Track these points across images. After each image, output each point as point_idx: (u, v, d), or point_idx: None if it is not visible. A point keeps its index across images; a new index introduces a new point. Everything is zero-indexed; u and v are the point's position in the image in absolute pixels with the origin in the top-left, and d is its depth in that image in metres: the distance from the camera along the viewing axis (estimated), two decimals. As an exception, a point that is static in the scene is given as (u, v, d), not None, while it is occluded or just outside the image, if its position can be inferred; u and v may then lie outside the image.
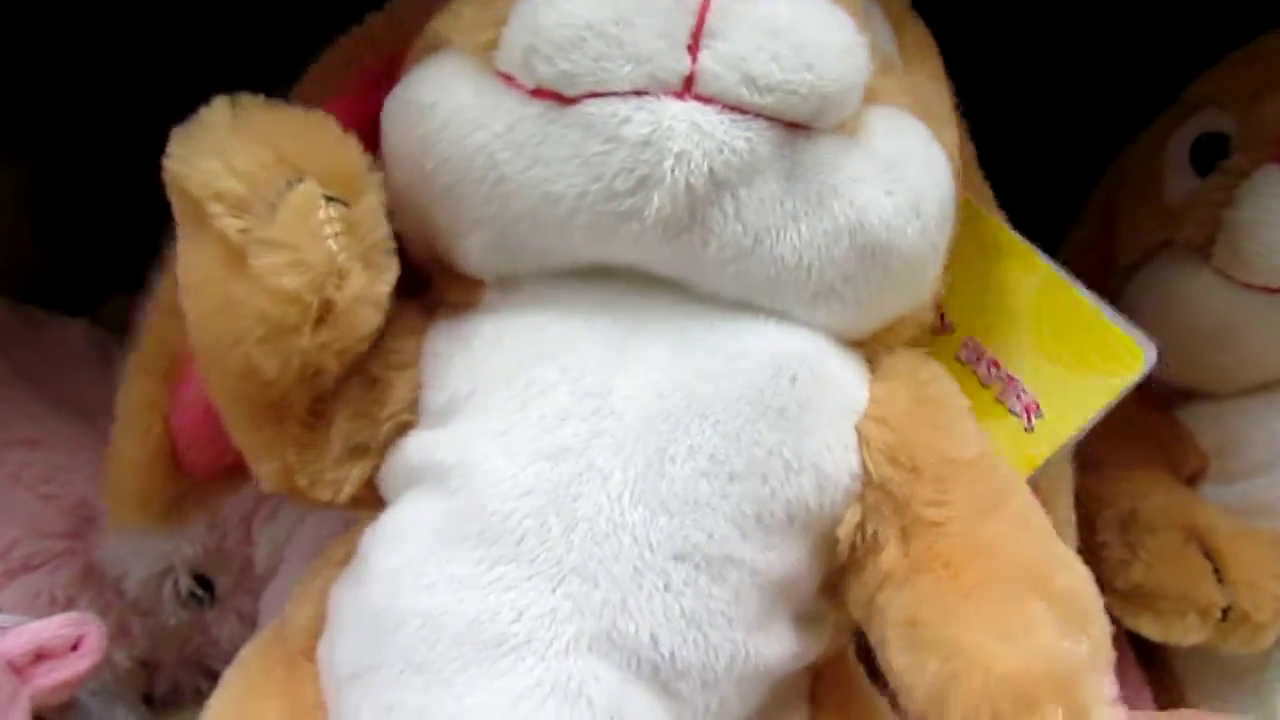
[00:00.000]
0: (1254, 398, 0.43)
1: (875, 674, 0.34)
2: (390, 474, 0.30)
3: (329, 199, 0.26)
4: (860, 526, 0.28)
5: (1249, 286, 0.40)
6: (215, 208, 0.26)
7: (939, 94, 0.33)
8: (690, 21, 0.25)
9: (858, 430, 0.29)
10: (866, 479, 0.28)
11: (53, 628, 0.34)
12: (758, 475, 0.27)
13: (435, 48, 0.29)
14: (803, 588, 0.29)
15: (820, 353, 0.29)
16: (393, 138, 0.29)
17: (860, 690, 0.33)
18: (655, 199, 0.25)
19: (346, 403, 0.29)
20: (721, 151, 0.25)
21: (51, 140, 0.68)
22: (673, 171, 0.25)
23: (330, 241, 0.26)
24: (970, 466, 0.29)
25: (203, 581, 0.51)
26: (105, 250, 0.69)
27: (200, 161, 0.26)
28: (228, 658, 0.51)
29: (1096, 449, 0.45)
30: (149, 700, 0.50)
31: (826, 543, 0.29)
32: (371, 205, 0.27)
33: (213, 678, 0.53)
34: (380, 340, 0.29)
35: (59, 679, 0.35)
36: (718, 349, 0.28)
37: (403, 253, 0.29)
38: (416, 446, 0.29)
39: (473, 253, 0.29)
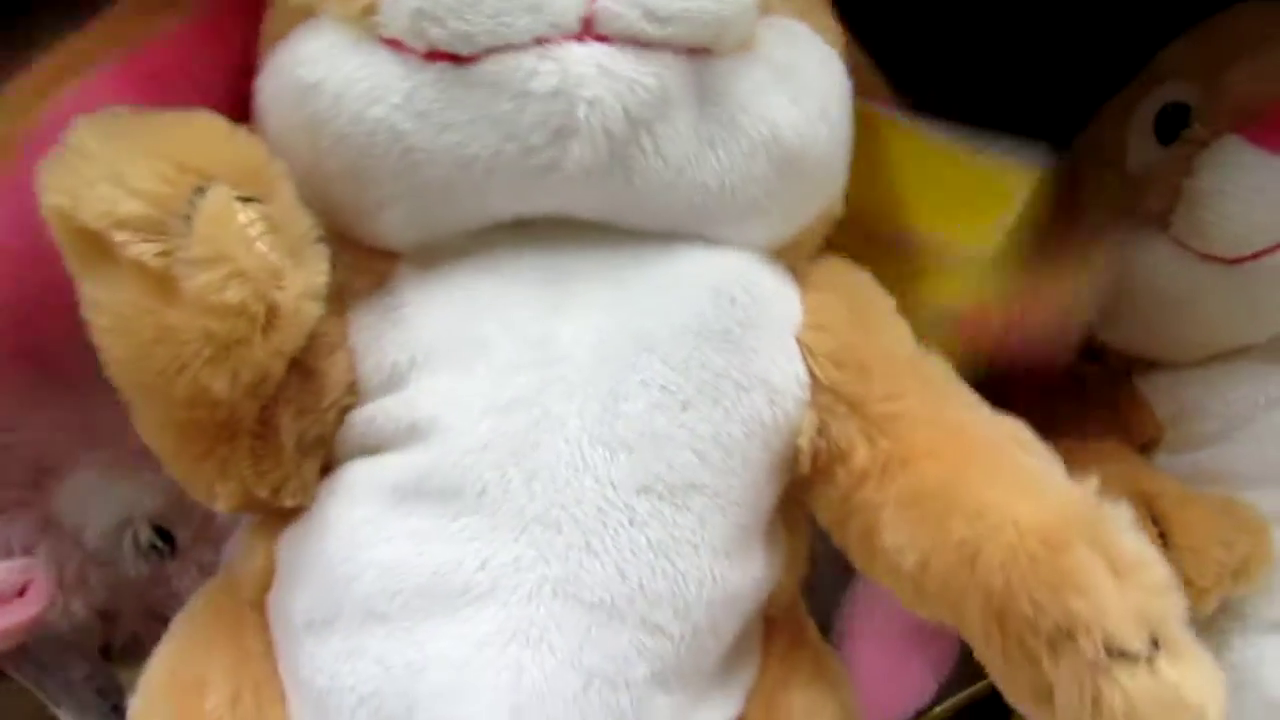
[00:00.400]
0: (1210, 368, 0.44)
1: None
2: (341, 451, 0.29)
3: (244, 199, 0.25)
4: (819, 431, 0.29)
5: (1206, 257, 0.40)
6: (122, 235, 0.24)
7: (830, 19, 0.33)
8: None
9: (799, 340, 0.29)
10: (816, 385, 0.29)
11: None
12: (710, 399, 0.28)
13: (300, 18, 0.28)
14: (764, 506, 0.30)
15: (753, 270, 0.29)
16: (275, 121, 0.29)
17: (810, 639, 0.34)
18: (574, 149, 0.25)
19: (288, 402, 0.29)
20: (633, 90, 0.25)
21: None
22: (588, 119, 0.25)
23: (259, 244, 0.25)
24: (911, 361, 0.30)
25: (163, 534, 0.51)
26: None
27: (89, 191, 0.24)
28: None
29: (1054, 417, 0.46)
30: (106, 651, 0.51)
31: (785, 458, 0.29)
32: (286, 195, 0.26)
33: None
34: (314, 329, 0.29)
35: (3, 624, 0.35)
36: (653, 282, 0.28)
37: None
38: (363, 419, 0.29)
39: (386, 227, 0.29)
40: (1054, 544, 0.25)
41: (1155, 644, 0.24)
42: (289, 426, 0.29)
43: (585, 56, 0.25)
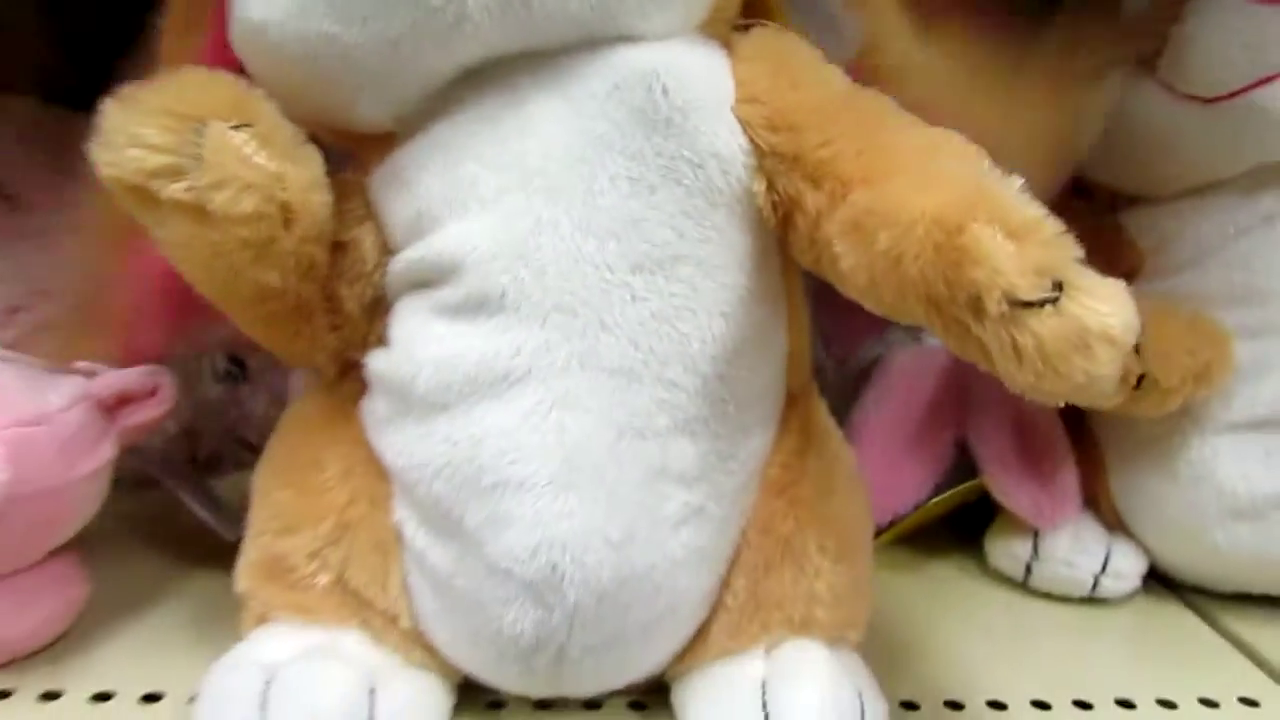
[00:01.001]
0: (1185, 201, 0.47)
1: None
2: (392, 296, 0.34)
3: (235, 127, 0.29)
4: (770, 189, 0.32)
5: (1187, 97, 0.43)
6: (157, 183, 0.29)
7: None
8: None
9: (735, 114, 0.32)
10: (759, 151, 0.32)
11: (135, 375, 0.39)
12: (671, 180, 0.31)
13: None
14: (748, 265, 0.33)
15: (677, 58, 0.32)
16: (249, 60, 0.32)
17: (822, 419, 0.38)
18: (471, 7, 0.29)
19: (340, 275, 0.34)
20: None
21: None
22: None
23: (256, 158, 0.29)
24: (841, 102, 0.32)
25: (237, 361, 0.56)
26: (116, 51, 0.71)
27: (124, 156, 0.29)
28: (262, 429, 0.56)
29: None
30: (193, 463, 0.56)
31: (751, 218, 0.32)
32: (269, 114, 0.30)
33: (248, 447, 0.59)
34: (338, 212, 0.33)
35: (139, 420, 0.39)
36: (593, 88, 0.31)
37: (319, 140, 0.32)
38: (397, 269, 0.33)
39: (365, 113, 0.33)
40: (951, 227, 0.26)
41: (1059, 287, 0.25)
42: (349, 294, 0.34)
43: None
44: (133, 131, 0.29)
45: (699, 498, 0.32)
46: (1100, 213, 0.50)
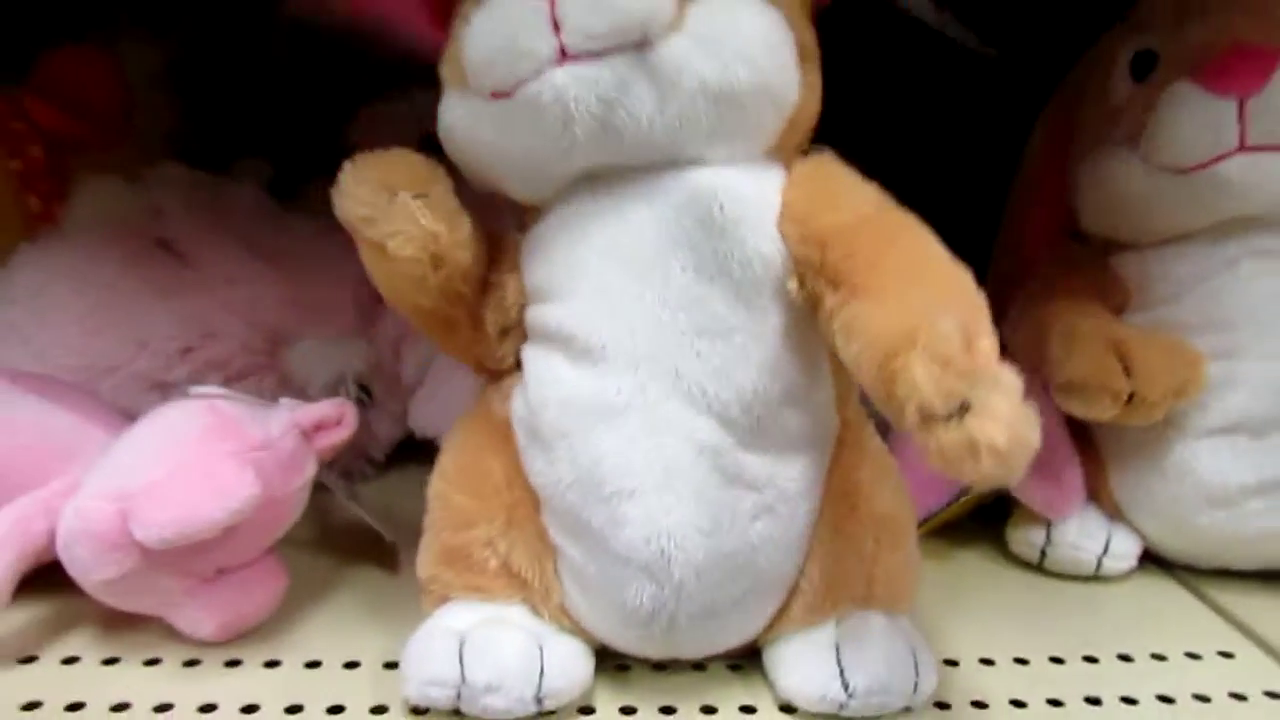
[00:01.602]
0: (1164, 248, 0.55)
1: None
2: (529, 334, 0.44)
3: (415, 196, 0.41)
4: (802, 286, 0.40)
5: (1163, 168, 0.52)
6: (362, 228, 0.41)
7: None
8: (547, 20, 0.37)
9: (779, 229, 0.40)
10: (794, 258, 0.40)
11: (326, 407, 0.48)
12: (725, 272, 0.40)
13: (444, 84, 0.43)
14: (786, 332, 0.40)
15: (734, 182, 0.40)
16: (446, 144, 0.43)
17: (872, 438, 0.46)
18: (576, 130, 0.38)
19: (487, 305, 0.45)
20: (597, 84, 0.37)
21: (192, 22, 0.78)
22: (576, 108, 0.38)
23: (422, 219, 0.41)
24: (865, 222, 0.39)
25: (365, 389, 0.65)
26: (235, 118, 0.81)
27: (345, 204, 0.41)
28: (386, 445, 0.66)
29: (1049, 285, 0.59)
30: (323, 486, 0.64)
31: (787, 301, 0.40)
32: (442, 189, 0.42)
33: (371, 463, 0.67)
34: (496, 259, 0.45)
35: (331, 442, 0.48)
36: (670, 199, 0.40)
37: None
38: (530, 317, 0.44)
39: (514, 191, 0.43)
40: (891, 352, 0.34)
41: (965, 407, 0.32)
42: (490, 320, 0.45)
43: (563, 74, 0.37)
44: (352, 189, 0.41)
45: (768, 499, 0.41)
46: (1096, 257, 0.58)
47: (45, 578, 0.45)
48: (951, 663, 0.48)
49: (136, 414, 0.54)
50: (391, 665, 0.44)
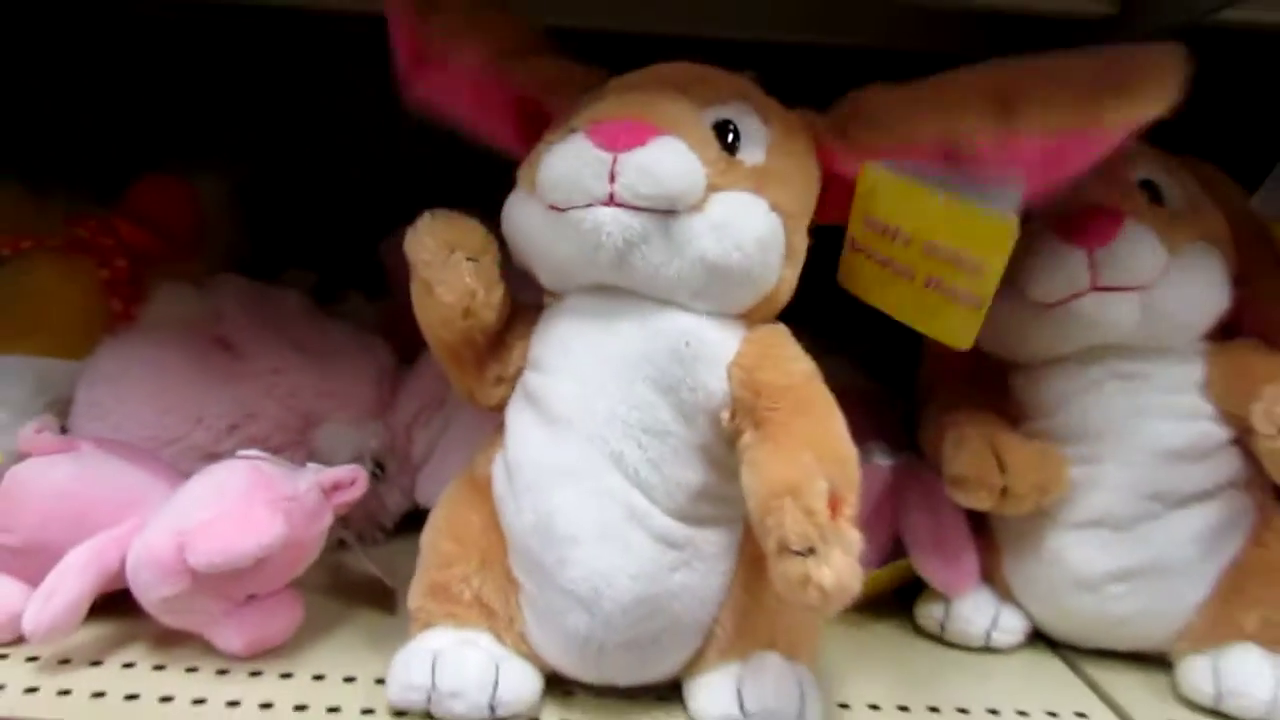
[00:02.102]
0: (1044, 368, 0.64)
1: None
2: (516, 394, 0.55)
3: (468, 259, 0.52)
4: (732, 418, 0.49)
5: (1032, 302, 0.61)
6: (420, 268, 0.52)
7: (791, 166, 0.53)
8: (607, 169, 0.47)
9: (728, 370, 0.50)
10: (732, 395, 0.50)
11: (343, 471, 0.59)
12: (676, 389, 0.50)
13: (518, 182, 0.54)
14: (711, 449, 0.50)
15: (704, 328, 0.50)
16: (506, 228, 0.54)
17: None
18: (601, 256, 0.49)
19: (494, 356, 0.55)
20: (628, 228, 0.48)
21: (256, 156, 0.93)
22: (605, 240, 0.48)
23: (468, 278, 0.52)
24: (793, 388, 0.49)
25: (380, 464, 0.75)
26: (286, 234, 0.94)
27: (414, 249, 0.52)
28: (395, 515, 0.77)
29: (955, 395, 0.69)
30: (342, 543, 0.71)
31: (720, 425, 0.50)
32: (489, 260, 0.53)
33: (381, 529, 0.78)
34: (511, 326, 0.55)
35: (346, 499, 0.59)
36: (652, 327, 0.50)
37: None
38: (524, 382, 0.54)
39: (544, 279, 0.54)
40: (776, 492, 0.44)
41: (811, 550, 0.42)
42: (491, 369, 0.55)
43: (607, 213, 0.48)
44: (423, 237, 0.52)
45: (688, 556, 0.51)
46: (998, 374, 0.68)
47: (112, 606, 0.56)
48: (844, 706, 0.57)
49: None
50: (381, 681, 0.54)
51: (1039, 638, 0.68)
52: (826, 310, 0.68)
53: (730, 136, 0.52)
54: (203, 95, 0.94)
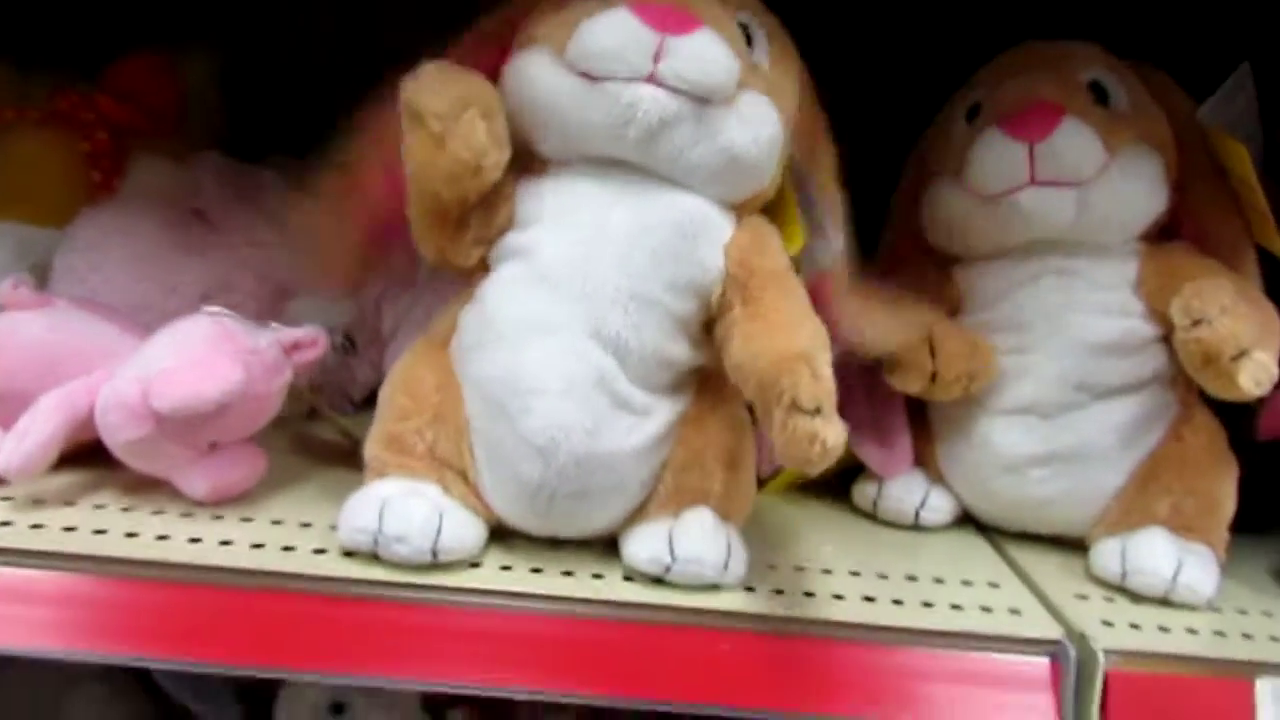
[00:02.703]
0: (984, 262, 0.67)
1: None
2: (496, 253, 0.56)
3: (482, 116, 0.51)
4: (723, 294, 0.54)
5: (974, 194, 0.64)
6: (430, 119, 0.50)
7: (786, 81, 0.57)
8: (653, 49, 0.50)
9: (724, 250, 0.54)
10: (727, 272, 0.54)
11: (304, 331, 0.62)
12: (675, 260, 0.53)
13: (532, 41, 0.54)
14: (691, 326, 0.54)
15: (710, 211, 0.54)
16: (510, 89, 0.54)
17: (727, 387, 0.55)
18: (632, 130, 0.51)
19: (477, 215, 0.55)
20: (665, 109, 0.50)
21: (240, 33, 0.94)
22: (642, 117, 0.50)
23: (480, 134, 0.51)
24: (776, 273, 0.54)
25: (350, 339, 0.78)
26: (270, 117, 0.96)
27: (423, 95, 0.50)
28: (364, 389, 0.80)
29: (902, 289, 0.71)
30: (314, 411, 0.76)
31: (709, 297, 0.54)
32: (501, 120, 0.52)
33: (351, 402, 0.81)
34: (499, 187, 0.54)
35: (305, 359, 0.62)
36: (659, 202, 0.53)
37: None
38: (510, 240, 0.56)
39: (545, 147, 0.55)
40: (788, 355, 0.48)
41: (818, 410, 0.46)
42: (474, 227, 0.55)
43: (646, 91, 0.50)
44: (435, 89, 0.51)
45: (642, 422, 0.54)
46: (939, 265, 0.71)
47: (86, 456, 0.60)
48: (772, 567, 0.61)
49: (164, 339, 0.69)
50: (335, 527, 0.58)
51: (969, 521, 0.72)
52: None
53: (750, 37, 0.55)
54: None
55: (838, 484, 0.75)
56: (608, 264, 0.53)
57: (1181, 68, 0.70)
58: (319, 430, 0.71)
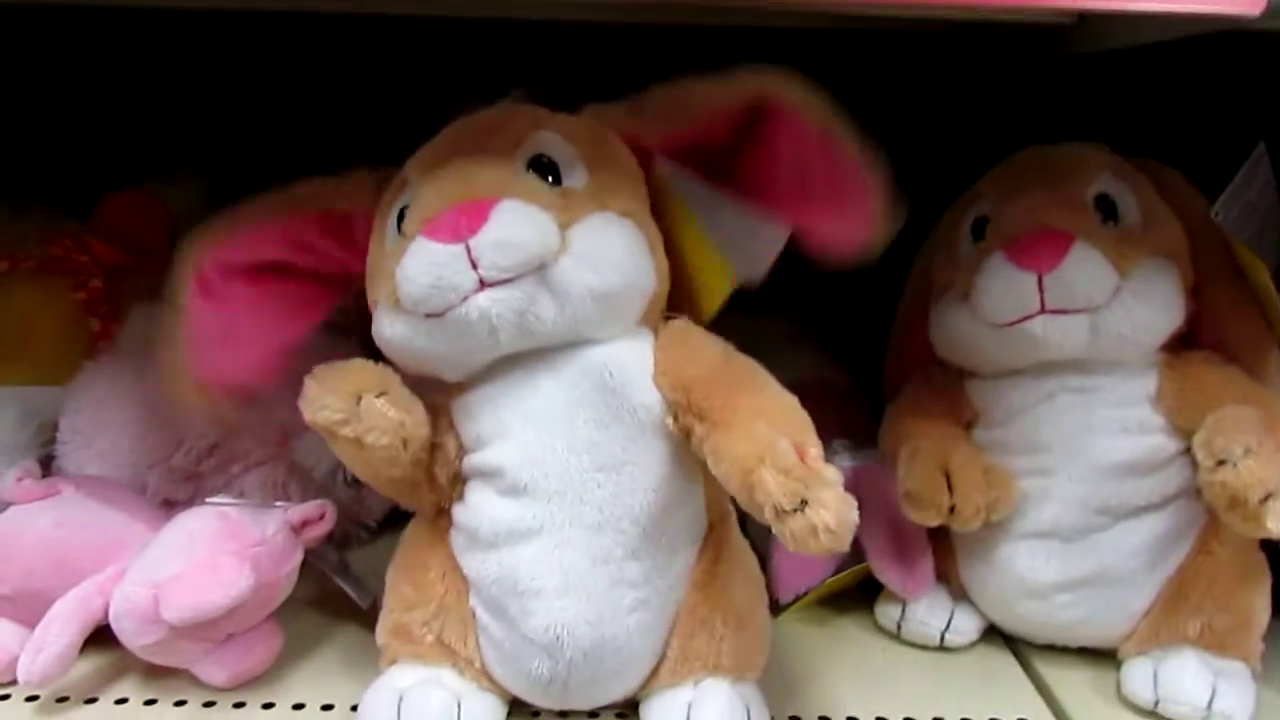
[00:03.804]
0: (999, 380, 0.65)
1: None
2: (467, 474, 0.55)
3: (378, 395, 0.50)
4: (676, 421, 0.51)
5: (983, 322, 0.62)
6: (337, 429, 0.50)
7: (609, 175, 0.53)
8: (465, 260, 0.47)
9: (655, 382, 0.52)
10: (668, 401, 0.51)
11: (311, 507, 0.62)
12: (619, 419, 0.51)
13: (375, 304, 0.53)
14: (668, 461, 0.52)
15: (618, 352, 0.52)
16: (386, 351, 0.53)
17: (733, 535, 0.57)
18: (500, 336, 0.49)
19: (436, 462, 0.55)
20: (511, 301, 0.48)
21: (228, 158, 0.93)
22: (497, 322, 0.48)
23: (388, 413, 0.50)
24: (717, 371, 0.51)
25: None
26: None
27: (319, 415, 0.50)
28: (375, 516, 0.79)
29: (913, 401, 0.71)
30: (330, 540, 0.74)
31: (667, 435, 0.52)
32: (397, 385, 0.52)
33: (366, 529, 0.81)
34: (435, 425, 0.54)
35: (314, 534, 0.62)
36: (573, 369, 0.51)
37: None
38: (468, 463, 0.54)
39: (448, 377, 0.54)
40: (748, 469, 0.46)
41: (804, 503, 0.44)
42: (440, 474, 0.55)
43: (484, 298, 0.48)
44: (323, 400, 0.51)
45: (645, 594, 0.53)
46: (954, 380, 0.69)
47: (106, 638, 0.59)
48: (795, 718, 0.60)
49: (175, 501, 0.70)
50: (356, 708, 0.57)
51: (994, 631, 0.70)
52: (799, 292, 0.68)
53: (549, 173, 0.52)
54: (172, 100, 0.94)
55: (860, 594, 0.73)
56: (560, 451, 0.52)
57: (1192, 153, 0.68)
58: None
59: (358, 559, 0.72)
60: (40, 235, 0.79)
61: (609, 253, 0.51)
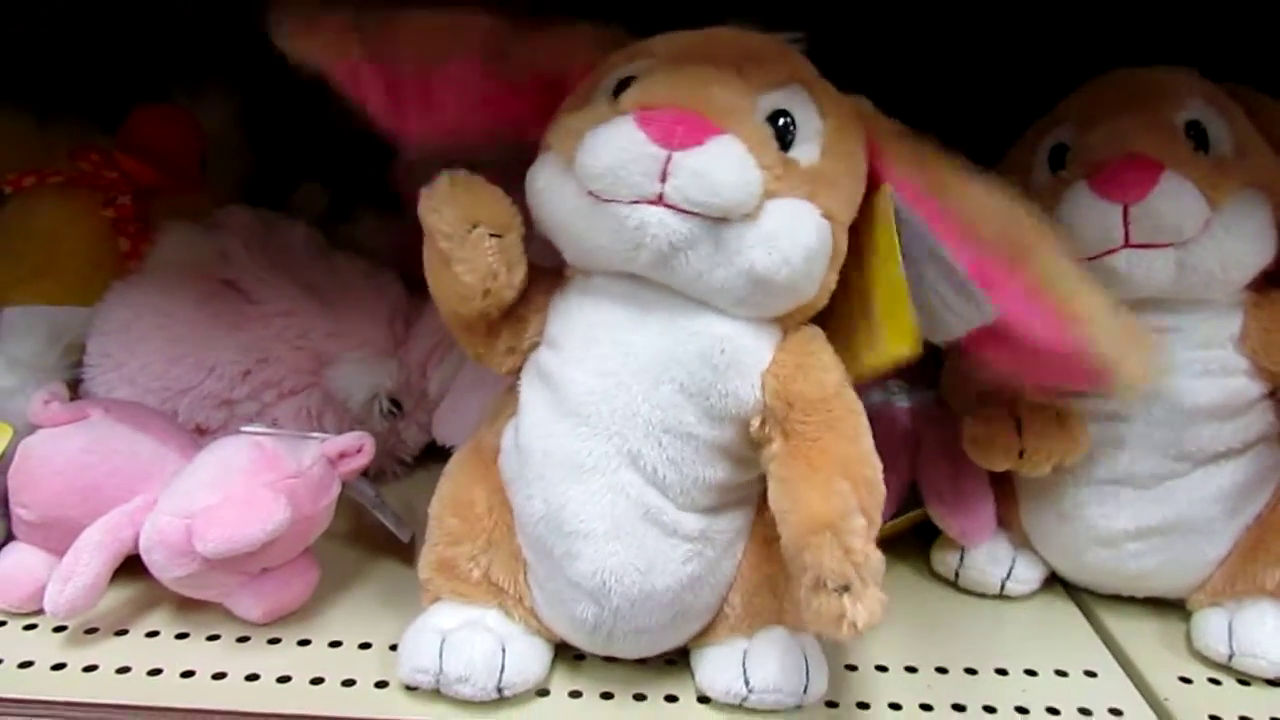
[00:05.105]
0: None
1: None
2: (529, 366, 0.53)
3: (491, 234, 0.48)
4: (761, 426, 0.49)
5: None
6: (439, 239, 0.48)
7: (841, 169, 0.50)
8: (659, 167, 0.44)
9: (761, 378, 0.48)
10: (764, 404, 0.48)
11: (350, 438, 0.59)
12: (705, 394, 0.48)
13: (547, 148, 0.49)
14: (734, 449, 0.49)
15: (740, 334, 0.48)
16: (532, 198, 0.50)
17: None
18: (642, 255, 0.46)
19: (508, 326, 0.52)
20: (675, 232, 0.45)
21: (257, 73, 0.89)
22: (650, 241, 0.45)
23: (490, 257, 0.48)
24: (823, 402, 0.48)
25: (396, 403, 0.75)
26: (296, 152, 0.92)
27: (430, 216, 0.48)
28: (415, 449, 0.77)
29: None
30: (365, 475, 0.70)
31: (745, 430, 0.49)
32: (514, 237, 0.49)
33: (402, 464, 0.79)
34: (527, 296, 0.52)
35: (352, 467, 0.60)
36: (686, 328, 0.48)
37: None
38: (539, 358, 0.52)
39: (569, 256, 0.51)
40: (812, 527, 0.44)
41: (846, 588, 0.43)
42: (504, 339, 0.53)
43: (653, 213, 0.45)
44: (442, 207, 0.48)
45: (698, 547, 0.50)
46: None
47: (137, 568, 0.57)
48: (851, 668, 0.58)
49: (207, 428, 0.68)
50: (396, 647, 0.55)
51: (1055, 579, 0.68)
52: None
53: (786, 133, 0.48)
54: (202, 14, 0.89)
55: (915, 538, 0.71)
56: (635, 397, 0.48)
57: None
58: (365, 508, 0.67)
59: (391, 494, 0.70)
60: (68, 148, 0.75)
61: (791, 245, 0.47)
